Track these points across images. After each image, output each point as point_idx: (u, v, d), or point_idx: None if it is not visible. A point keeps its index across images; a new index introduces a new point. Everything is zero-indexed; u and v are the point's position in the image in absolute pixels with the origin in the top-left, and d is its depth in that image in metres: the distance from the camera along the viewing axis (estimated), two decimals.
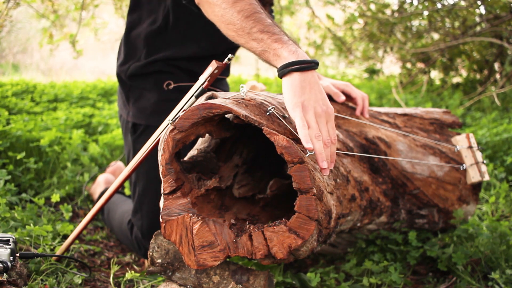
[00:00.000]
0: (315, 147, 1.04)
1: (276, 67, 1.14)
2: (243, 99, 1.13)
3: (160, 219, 1.06)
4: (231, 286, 1.13)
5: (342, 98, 1.59)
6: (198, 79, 1.22)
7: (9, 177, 1.82)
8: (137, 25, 1.67)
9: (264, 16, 1.20)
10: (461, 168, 1.62)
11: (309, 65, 1.10)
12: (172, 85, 1.64)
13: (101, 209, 1.53)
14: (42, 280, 1.33)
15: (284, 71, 1.10)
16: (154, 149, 1.27)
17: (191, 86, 1.24)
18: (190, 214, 1.05)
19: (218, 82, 1.77)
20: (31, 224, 1.55)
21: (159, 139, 1.19)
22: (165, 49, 1.63)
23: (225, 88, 1.81)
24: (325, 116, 1.09)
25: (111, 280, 1.46)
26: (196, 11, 1.43)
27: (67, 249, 1.45)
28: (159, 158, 1.08)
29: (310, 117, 1.07)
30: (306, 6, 5.03)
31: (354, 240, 1.65)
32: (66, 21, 4.62)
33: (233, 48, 1.66)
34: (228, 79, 1.93)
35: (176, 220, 1.05)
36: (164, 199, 1.07)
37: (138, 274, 1.45)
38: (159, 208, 1.10)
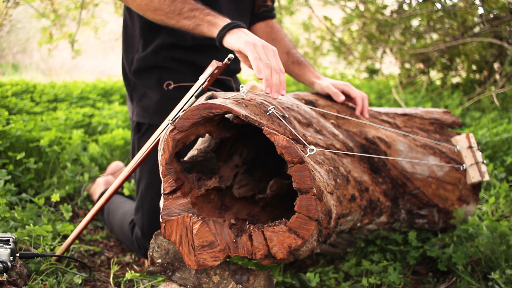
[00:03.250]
0: (264, 73, 1.16)
1: (212, 35, 1.31)
2: (243, 99, 1.14)
3: (160, 219, 1.06)
4: (231, 286, 1.13)
5: (342, 98, 1.59)
6: (199, 78, 1.22)
7: (9, 177, 1.82)
8: (132, 17, 1.68)
9: None
10: (461, 168, 1.62)
11: (241, 24, 1.29)
12: (172, 85, 1.64)
13: (101, 209, 1.53)
14: (42, 280, 1.33)
15: (225, 30, 1.27)
16: (156, 147, 1.27)
17: (192, 86, 1.25)
18: (190, 214, 1.05)
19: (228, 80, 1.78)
20: (31, 224, 1.55)
21: (159, 138, 1.19)
22: (160, 35, 1.63)
23: (236, 84, 1.82)
24: (271, 50, 1.22)
25: (111, 280, 1.46)
26: None
27: (67, 249, 1.45)
28: (159, 158, 1.08)
29: (259, 50, 1.20)
30: (305, 5, 5.02)
31: (354, 240, 1.65)
32: (66, 20, 4.59)
33: None
34: None
35: (176, 220, 1.05)
36: (164, 199, 1.07)
37: (138, 274, 1.45)
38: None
